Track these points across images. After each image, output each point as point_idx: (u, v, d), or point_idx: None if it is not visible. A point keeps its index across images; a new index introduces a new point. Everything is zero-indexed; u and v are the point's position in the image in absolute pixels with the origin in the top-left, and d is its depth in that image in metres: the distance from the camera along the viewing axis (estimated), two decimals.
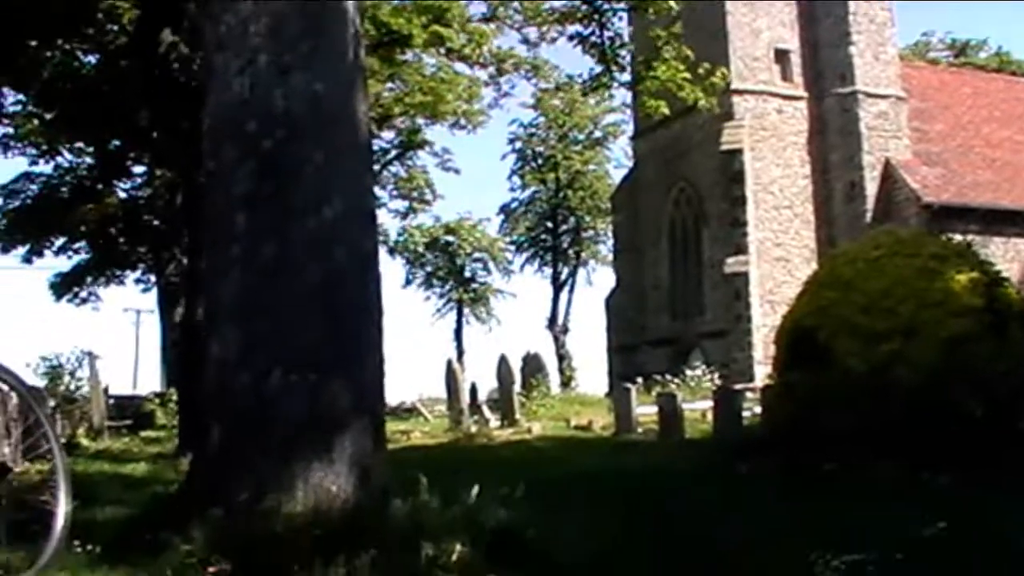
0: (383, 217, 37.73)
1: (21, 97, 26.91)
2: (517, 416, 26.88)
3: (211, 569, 6.48)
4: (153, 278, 41.55)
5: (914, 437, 12.88)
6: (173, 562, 6.60)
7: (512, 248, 68.18)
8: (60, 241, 38.52)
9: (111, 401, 30.23)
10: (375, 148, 34.34)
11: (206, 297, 8.49)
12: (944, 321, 14.04)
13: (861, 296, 14.75)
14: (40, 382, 27.08)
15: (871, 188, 42.18)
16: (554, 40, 27.93)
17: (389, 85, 33.86)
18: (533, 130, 64.97)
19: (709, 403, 21.36)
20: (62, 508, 6.44)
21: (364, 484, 7.96)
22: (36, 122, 28.25)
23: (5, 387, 6.53)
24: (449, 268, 66.30)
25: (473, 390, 34.84)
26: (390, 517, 7.77)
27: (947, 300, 14.21)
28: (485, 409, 28.71)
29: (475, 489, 8.44)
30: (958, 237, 19.46)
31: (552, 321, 63.04)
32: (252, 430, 7.72)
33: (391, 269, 67.39)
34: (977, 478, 11.94)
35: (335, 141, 8.21)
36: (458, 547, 7.25)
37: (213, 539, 6.75)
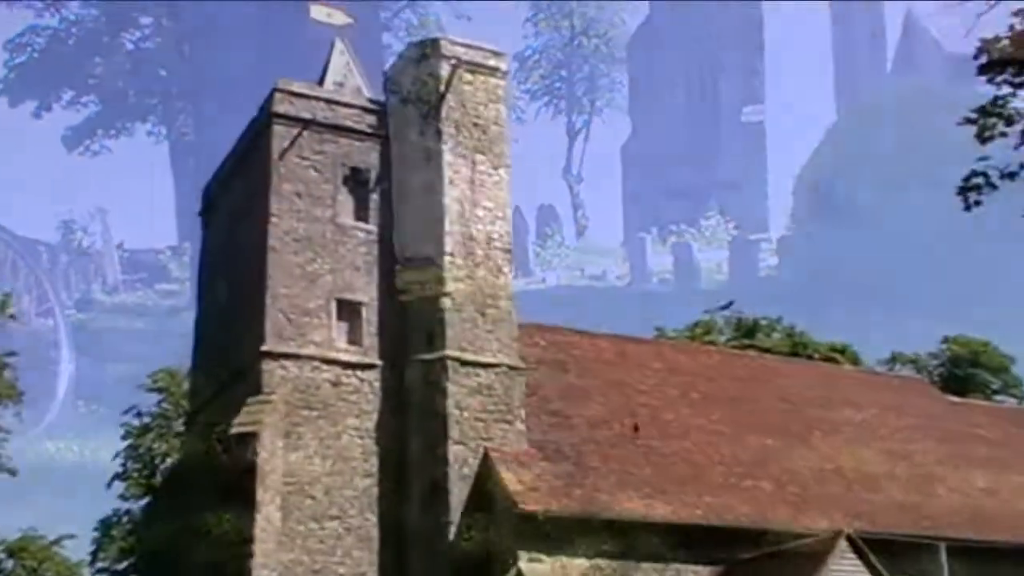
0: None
1: None
2: (532, 267, 26.82)
3: (216, 432, 6.39)
4: (164, 130, 41.31)
5: (937, 288, 12.78)
6: (176, 427, 6.52)
7: (526, 96, 67.29)
8: (69, 95, 38.22)
9: (126, 255, 30.24)
10: None
11: (213, 150, 8.29)
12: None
13: (884, 146, 14.47)
14: (54, 238, 27.04)
15: (892, 37, 41.36)
16: None
17: None
18: None
19: (726, 253, 21.21)
20: (64, 367, 6.33)
21: (379, 340, 7.83)
22: None
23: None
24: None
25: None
26: (408, 377, 7.63)
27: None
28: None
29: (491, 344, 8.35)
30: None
31: (567, 170, 62.56)
32: (255, 282, 7.54)
33: None
34: None
35: None
36: (475, 405, 7.18)
37: (219, 403, 6.64)
